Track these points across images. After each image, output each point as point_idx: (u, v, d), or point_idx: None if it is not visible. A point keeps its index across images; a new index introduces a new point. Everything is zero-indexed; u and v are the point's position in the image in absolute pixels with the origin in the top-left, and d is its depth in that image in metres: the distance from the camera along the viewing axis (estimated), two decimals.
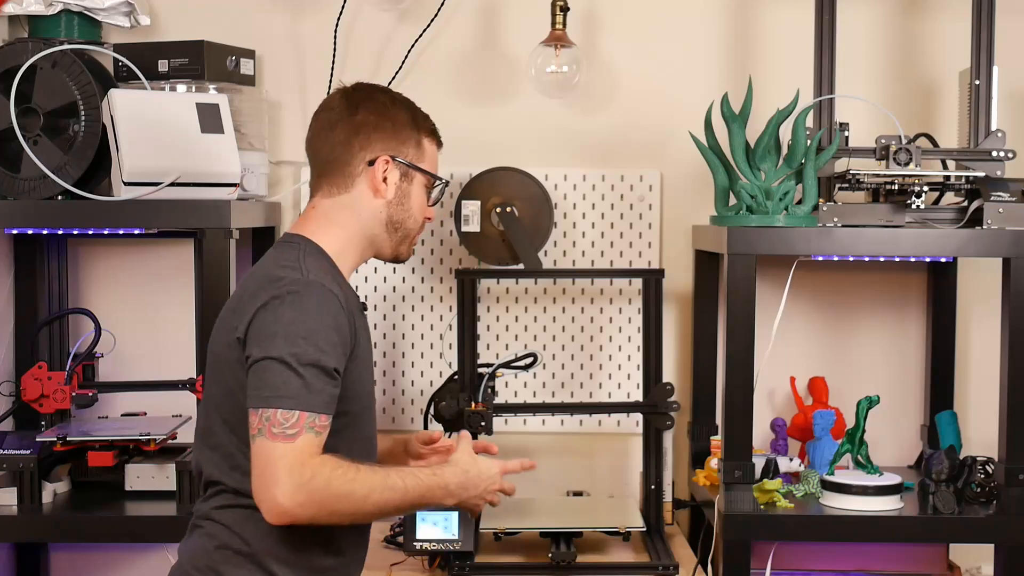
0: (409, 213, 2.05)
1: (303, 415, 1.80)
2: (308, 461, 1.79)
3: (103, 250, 3.03)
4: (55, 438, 2.59)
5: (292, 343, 1.82)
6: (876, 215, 2.63)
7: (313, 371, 1.82)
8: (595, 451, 3.07)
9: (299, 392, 1.80)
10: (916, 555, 2.78)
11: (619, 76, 3.03)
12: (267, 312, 1.85)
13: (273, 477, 1.78)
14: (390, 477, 1.88)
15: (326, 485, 1.79)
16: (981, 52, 2.66)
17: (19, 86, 2.54)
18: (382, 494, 1.85)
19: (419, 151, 2.06)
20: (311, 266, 1.92)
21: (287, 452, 1.78)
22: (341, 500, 1.81)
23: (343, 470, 1.82)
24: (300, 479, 1.77)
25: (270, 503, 1.78)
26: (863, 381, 3.01)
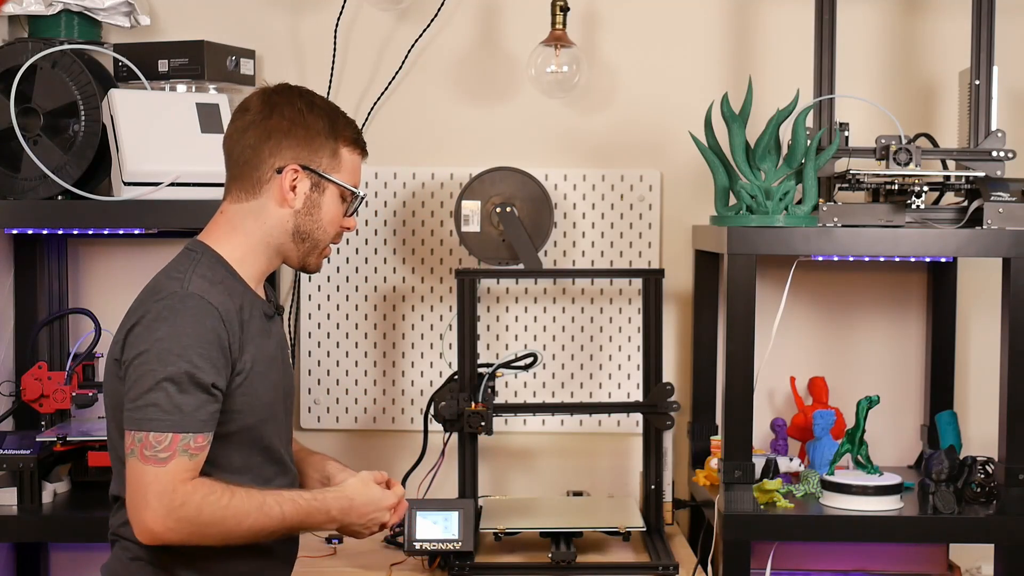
0: (318, 224, 1.99)
1: (176, 437, 1.78)
2: (179, 487, 1.78)
3: (103, 250, 3.03)
4: (55, 438, 2.59)
5: (165, 361, 1.79)
6: (876, 215, 2.63)
7: (188, 388, 1.79)
8: (595, 451, 3.07)
9: (172, 413, 1.78)
10: (916, 555, 2.78)
11: (619, 76, 3.03)
12: (140, 329, 1.83)
13: (143, 501, 1.77)
14: (267, 503, 1.86)
15: (197, 512, 1.79)
16: (981, 52, 2.66)
17: (19, 86, 2.54)
18: (256, 520, 1.84)
19: (334, 160, 1.99)
20: (198, 277, 1.88)
21: (158, 477, 1.77)
22: (211, 527, 1.80)
23: (216, 496, 1.80)
24: (170, 505, 1.77)
25: (140, 526, 1.79)
26: (863, 381, 3.01)
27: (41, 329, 2.88)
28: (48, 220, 2.59)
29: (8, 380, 2.88)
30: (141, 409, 1.79)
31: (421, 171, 3.03)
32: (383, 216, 3.04)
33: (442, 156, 3.04)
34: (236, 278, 1.96)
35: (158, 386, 1.79)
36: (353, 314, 3.05)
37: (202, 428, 1.82)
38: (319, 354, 3.06)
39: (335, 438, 3.06)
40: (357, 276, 3.05)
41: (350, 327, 3.06)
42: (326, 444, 2.99)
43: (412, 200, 3.03)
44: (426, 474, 2.80)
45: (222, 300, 1.88)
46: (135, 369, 1.81)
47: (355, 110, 3.02)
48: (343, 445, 3.05)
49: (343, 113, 2.04)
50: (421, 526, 2.51)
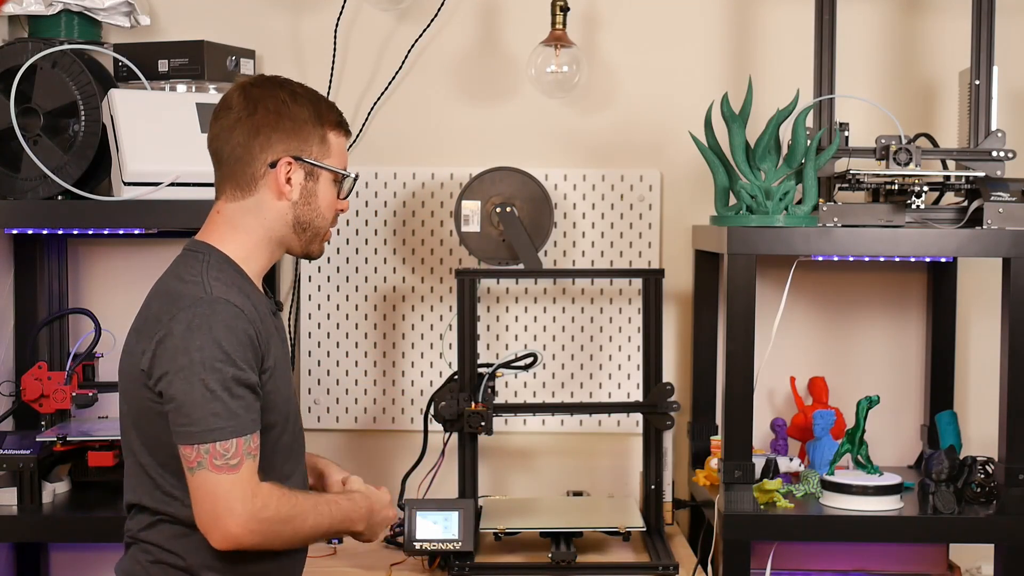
0: (317, 212, 1.99)
1: (240, 442, 1.80)
2: (258, 491, 1.81)
3: (103, 250, 3.03)
4: (55, 438, 2.59)
5: (210, 369, 1.79)
6: (876, 215, 2.63)
7: (239, 392, 1.80)
8: (595, 451, 3.07)
9: (230, 419, 1.79)
10: (916, 555, 2.78)
11: (619, 76, 3.03)
12: (175, 340, 1.81)
13: (226, 508, 1.79)
14: (319, 504, 1.93)
15: (276, 513, 1.82)
16: (981, 52, 2.66)
17: (19, 86, 2.55)
18: (315, 520, 1.90)
19: (324, 147, 1.98)
20: (214, 280, 1.88)
21: (236, 483, 1.79)
22: (286, 526, 1.85)
23: (285, 497, 1.85)
24: (253, 508, 1.80)
25: (223, 532, 1.79)
26: (863, 381, 3.01)
27: (41, 329, 2.88)
28: (48, 220, 2.59)
29: (8, 380, 2.88)
30: (200, 421, 1.79)
31: (421, 171, 3.03)
32: (383, 216, 3.04)
33: (442, 156, 3.04)
34: (245, 277, 1.96)
35: (212, 395, 1.79)
36: (353, 314, 3.05)
37: (255, 428, 1.85)
38: (319, 354, 3.06)
39: (335, 438, 3.06)
40: (357, 276, 3.05)
41: (350, 327, 3.06)
42: (326, 444, 2.99)
43: (412, 200, 3.03)
44: (426, 474, 2.80)
45: (243, 301, 1.88)
46: (180, 382, 1.80)
47: (355, 110, 3.02)
48: (343, 445, 3.05)
49: (324, 97, 2.03)
50: (421, 526, 2.51)
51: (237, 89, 1.98)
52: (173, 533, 1.89)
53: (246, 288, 1.93)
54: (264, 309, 1.95)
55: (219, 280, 1.89)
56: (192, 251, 1.95)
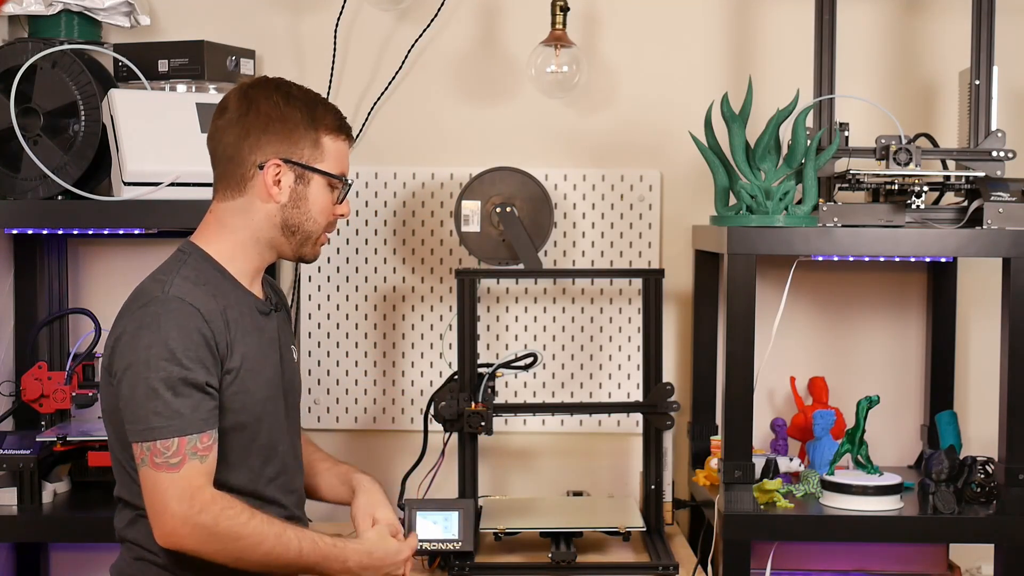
0: (307, 216, 1.98)
1: (182, 441, 1.79)
2: (197, 494, 1.79)
3: (103, 250, 3.03)
4: (55, 438, 2.60)
5: (156, 367, 1.80)
6: (876, 215, 2.63)
7: (183, 391, 1.80)
8: (595, 451, 3.07)
9: (172, 418, 1.79)
10: (916, 555, 2.78)
11: (619, 76, 3.03)
12: (127, 339, 1.83)
13: (162, 505, 1.79)
14: (286, 534, 1.86)
15: (214, 522, 1.80)
16: (981, 52, 2.66)
17: (19, 86, 2.55)
18: (273, 548, 1.84)
19: (317, 150, 1.98)
20: (182, 279, 1.88)
21: (174, 482, 1.79)
22: (228, 541, 1.81)
23: (235, 512, 1.82)
24: (188, 510, 1.79)
25: (160, 530, 1.81)
26: (863, 381, 3.01)
27: (41, 329, 2.88)
28: (48, 220, 2.59)
29: (8, 380, 2.88)
30: (143, 419, 1.80)
31: (421, 171, 3.03)
32: (383, 216, 3.04)
33: (442, 156, 3.04)
34: (225, 276, 1.96)
35: (154, 394, 1.80)
36: (353, 314, 3.05)
37: (204, 427, 1.83)
38: (319, 354, 3.06)
39: (335, 438, 3.05)
40: (357, 276, 3.05)
41: (350, 327, 3.06)
42: (326, 444, 2.97)
43: (412, 200, 3.03)
44: (426, 474, 2.80)
45: (204, 301, 1.88)
46: (127, 380, 1.82)
47: (355, 110, 3.02)
48: (343, 445, 3.05)
49: (324, 100, 2.02)
50: (421, 526, 2.51)
51: (236, 89, 2.00)
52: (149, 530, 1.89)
53: (222, 288, 1.93)
54: (244, 310, 1.95)
55: (187, 279, 1.89)
56: (179, 251, 1.97)
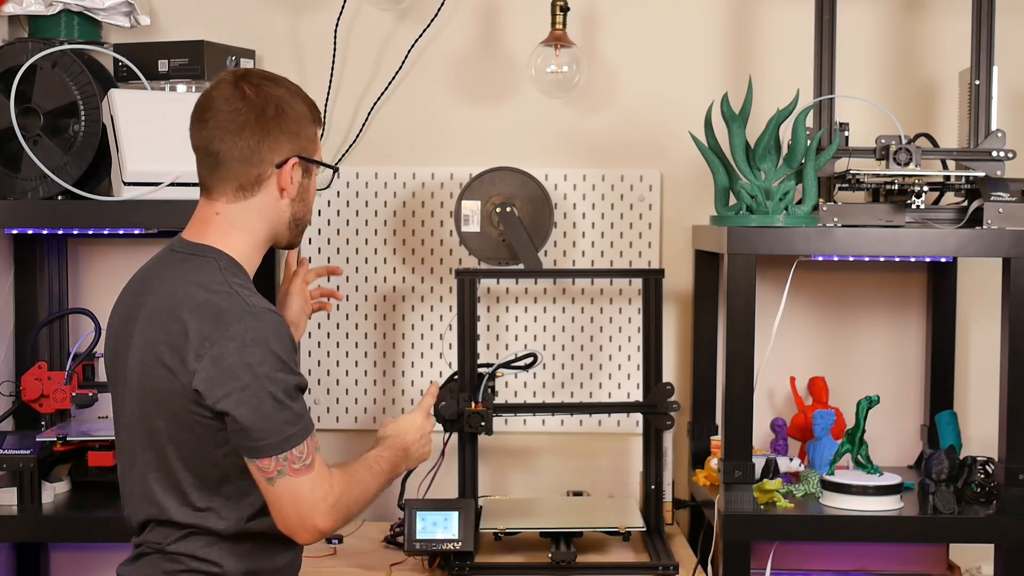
0: (308, 207, 2.00)
1: (309, 441, 1.85)
2: (333, 481, 1.88)
3: (103, 250, 3.03)
4: (55, 438, 2.59)
5: (275, 380, 1.80)
6: (876, 215, 2.63)
7: (297, 396, 1.85)
8: (595, 451, 3.07)
9: (298, 423, 1.84)
10: (916, 555, 2.78)
11: (619, 76, 3.03)
12: (231, 359, 1.79)
13: (311, 507, 1.84)
14: (372, 467, 1.99)
15: (350, 495, 1.90)
16: (981, 52, 2.66)
17: (19, 86, 2.54)
18: (375, 482, 1.97)
19: (313, 144, 1.98)
20: (239, 287, 1.86)
21: (315, 481, 1.85)
22: (358, 503, 1.92)
23: (352, 476, 1.92)
24: (333, 501, 1.86)
25: (310, 529, 1.85)
26: (863, 381, 3.01)
27: (41, 329, 2.88)
28: (48, 220, 2.58)
29: (8, 380, 2.88)
30: (276, 432, 1.81)
31: (421, 171, 3.03)
32: (383, 216, 3.04)
33: (442, 156, 3.04)
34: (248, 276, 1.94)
35: (281, 406, 1.81)
36: (353, 314, 3.05)
37: (313, 424, 1.90)
38: (319, 354, 3.06)
39: (335, 438, 3.05)
40: (357, 276, 3.05)
41: (350, 327, 3.06)
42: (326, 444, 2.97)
43: (412, 200, 3.03)
44: (426, 474, 2.79)
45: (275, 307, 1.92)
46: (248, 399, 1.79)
47: (355, 110, 3.03)
48: (343, 445, 3.05)
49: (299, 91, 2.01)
50: (421, 526, 2.51)
51: (236, 89, 1.92)
52: (206, 542, 1.89)
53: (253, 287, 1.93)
54: None
55: (244, 287, 1.88)
56: (199, 256, 1.90)
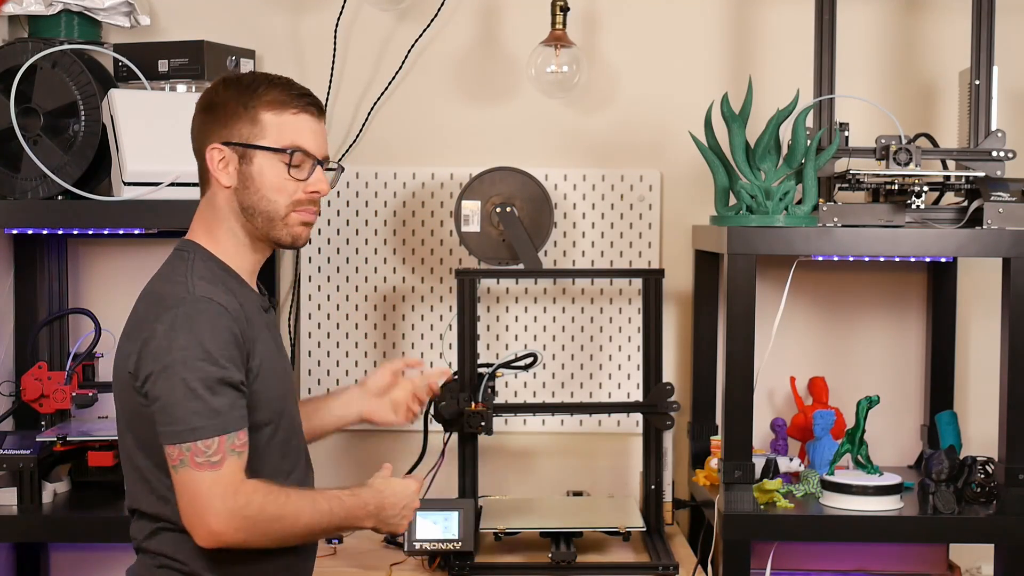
0: (259, 195, 1.93)
1: (222, 439, 1.80)
2: (240, 488, 1.80)
3: (103, 250, 3.03)
4: (55, 438, 2.60)
5: (193, 368, 1.79)
6: (876, 215, 2.63)
7: (220, 390, 1.81)
8: (595, 451, 3.07)
9: (211, 417, 1.80)
10: (916, 555, 2.78)
11: (619, 76, 3.03)
12: (159, 341, 1.82)
13: (206, 505, 1.79)
14: (317, 500, 1.88)
15: (260, 511, 1.81)
16: (981, 52, 2.66)
17: (19, 86, 2.54)
18: (311, 517, 1.86)
19: (256, 128, 1.93)
20: (199, 279, 1.88)
21: (217, 480, 1.79)
22: (273, 524, 1.83)
23: (274, 495, 1.84)
24: (234, 506, 1.79)
25: (204, 530, 1.80)
26: (863, 381, 3.01)
27: (41, 329, 2.88)
28: (48, 220, 2.58)
29: (8, 380, 2.88)
30: (182, 420, 1.80)
31: (421, 171, 3.03)
32: (383, 216, 3.04)
33: (442, 156, 3.04)
34: (230, 273, 1.96)
35: (193, 394, 1.79)
36: (353, 314, 3.05)
37: (241, 424, 1.84)
38: (319, 354, 3.06)
39: (335, 438, 3.05)
40: (357, 276, 3.05)
41: (350, 327, 3.06)
42: (327, 444, 2.98)
43: (412, 200, 3.03)
44: (426, 474, 2.79)
45: (227, 299, 1.88)
46: (163, 382, 1.81)
47: (355, 110, 3.03)
48: (343, 445, 3.05)
49: (274, 80, 1.99)
50: (421, 526, 2.51)
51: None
52: (174, 540, 1.89)
53: (231, 285, 1.93)
54: (253, 307, 1.95)
55: (203, 279, 1.89)
56: (179, 250, 1.95)
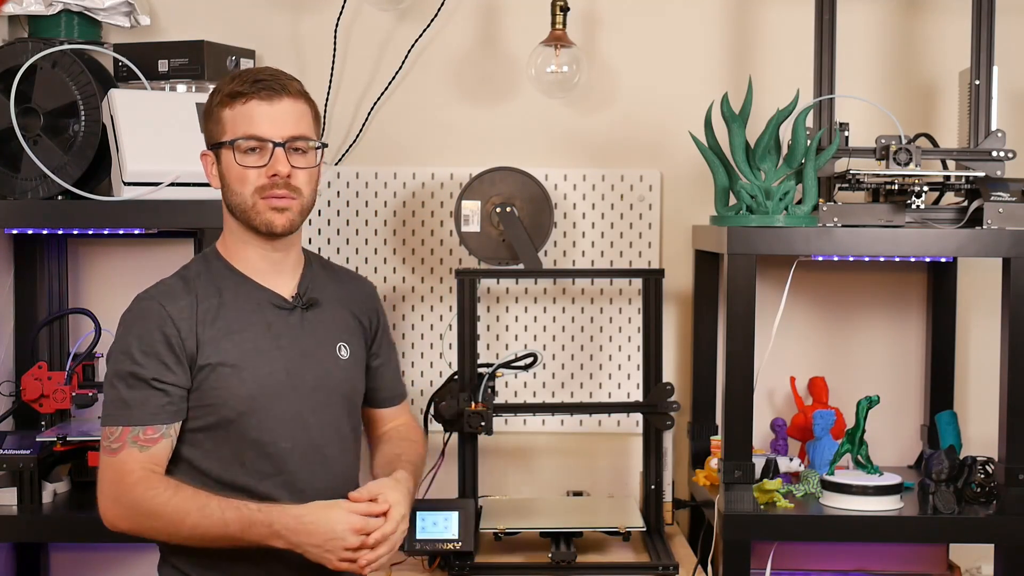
0: (230, 190, 1.99)
1: (126, 430, 1.89)
2: (126, 478, 1.87)
3: (103, 250, 3.03)
4: (55, 438, 2.59)
5: (115, 360, 1.92)
6: (876, 215, 2.63)
7: (133, 384, 1.89)
8: (595, 451, 3.07)
9: (120, 408, 1.89)
10: (916, 555, 2.78)
11: (619, 76, 3.03)
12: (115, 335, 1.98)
13: (100, 489, 1.90)
14: (209, 506, 1.87)
15: (136, 504, 1.87)
16: (981, 52, 2.66)
17: (19, 86, 2.54)
18: (197, 521, 1.86)
19: (219, 126, 1.98)
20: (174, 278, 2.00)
21: (110, 466, 1.89)
22: (152, 519, 1.87)
23: (157, 491, 1.87)
24: (115, 493, 1.88)
25: (99, 509, 1.91)
26: (863, 381, 3.01)
27: (41, 329, 2.88)
28: (48, 220, 2.58)
29: (8, 380, 2.88)
30: (103, 407, 1.93)
31: (421, 171, 3.03)
32: (383, 216, 3.04)
33: (442, 156, 3.04)
34: (233, 272, 2.00)
35: (110, 385, 1.92)
36: None
37: (151, 420, 1.90)
38: None
39: None
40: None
41: None
42: None
43: (412, 200, 3.04)
44: (426, 474, 2.80)
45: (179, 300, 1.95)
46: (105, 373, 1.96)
47: (355, 110, 3.03)
48: None
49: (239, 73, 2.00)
50: (421, 526, 2.51)
51: None
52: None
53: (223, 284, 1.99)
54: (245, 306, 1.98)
55: (180, 277, 2.00)
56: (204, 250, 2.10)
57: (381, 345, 2.22)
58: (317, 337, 2.05)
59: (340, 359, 2.08)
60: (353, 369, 2.11)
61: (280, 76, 1.99)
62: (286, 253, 2.05)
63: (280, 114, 1.96)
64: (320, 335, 2.06)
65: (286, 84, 1.98)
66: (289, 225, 1.98)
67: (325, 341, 2.07)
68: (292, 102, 1.98)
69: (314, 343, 2.05)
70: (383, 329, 2.22)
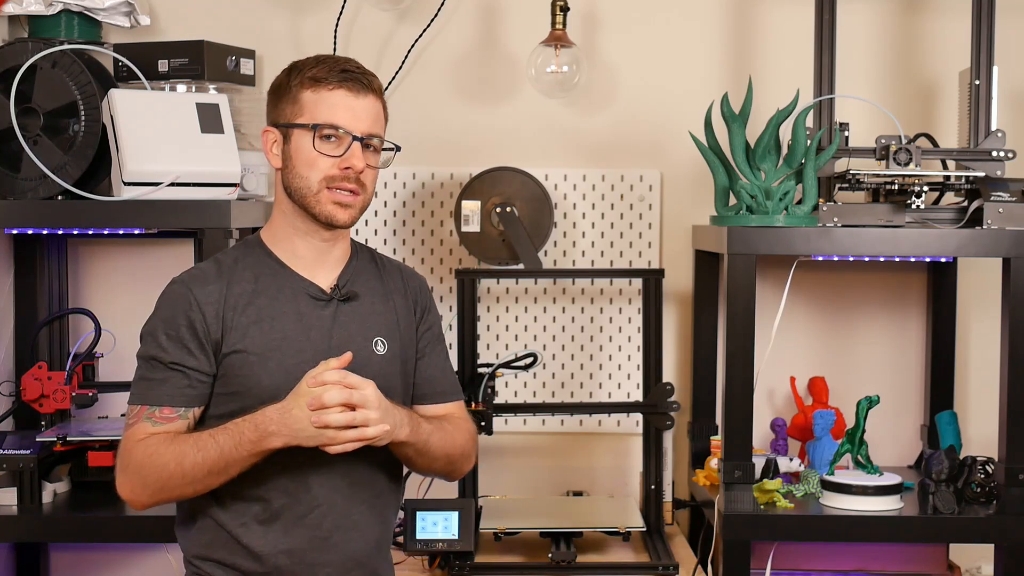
0: (295, 173, 1.97)
1: (143, 408, 1.92)
2: (128, 445, 1.91)
3: (103, 250, 3.03)
4: (55, 438, 2.59)
5: (143, 342, 1.96)
6: (876, 215, 2.63)
7: (156, 367, 1.93)
8: (595, 451, 3.07)
9: (140, 387, 1.94)
10: (916, 555, 2.78)
11: (619, 76, 3.03)
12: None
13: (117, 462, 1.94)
14: (201, 438, 1.88)
15: (139, 464, 1.89)
16: (981, 52, 2.66)
17: (19, 86, 2.54)
18: (194, 456, 1.86)
19: (296, 107, 1.97)
20: (209, 263, 2.01)
21: (123, 441, 1.92)
22: (155, 471, 1.88)
23: (153, 447, 1.89)
24: (123, 464, 1.91)
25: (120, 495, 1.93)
26: (863, 381, 3.01)
27: (41, 329, 2.88)
28: (48, 220, 2.58)
29: (8, 380, 2.88)
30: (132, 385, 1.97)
31: (421, 171, 3.03)
32: (383, 216, 3.04)
33: (442, 156, 3.04)
34: (272, 259, 2.00)
35: (138, 363, 1.96)
36: None
37: (168, 401, 1.92)
38: None
39: None
40: None
41: None
42: None
43: (412, 200, 3.03)
44: None
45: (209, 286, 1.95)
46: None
47: None
48: None
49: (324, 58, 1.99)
50: (421, 526, 2.51)
51: None
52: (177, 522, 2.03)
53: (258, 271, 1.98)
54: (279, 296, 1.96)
55: (216, 262, 2.00)
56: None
57: (427, 340, 2.14)
58: (351, 331, 2.01)
59: (376, 354, 2.03)
60: (390, 365, 2.04)
61: (366, 71, 2.00)
62: (333, 243, 2.03)
63: (362, 109, 1.98)
64: (354, 329, 2.01)
65: (371, 80, 2.00)
66: (351, 220, 2.00)
67: (359, 335, 2.02)
68: (374, 99, 2.00)
69: (346, 337, 2.00)
70: (430, 324, 2.15)
